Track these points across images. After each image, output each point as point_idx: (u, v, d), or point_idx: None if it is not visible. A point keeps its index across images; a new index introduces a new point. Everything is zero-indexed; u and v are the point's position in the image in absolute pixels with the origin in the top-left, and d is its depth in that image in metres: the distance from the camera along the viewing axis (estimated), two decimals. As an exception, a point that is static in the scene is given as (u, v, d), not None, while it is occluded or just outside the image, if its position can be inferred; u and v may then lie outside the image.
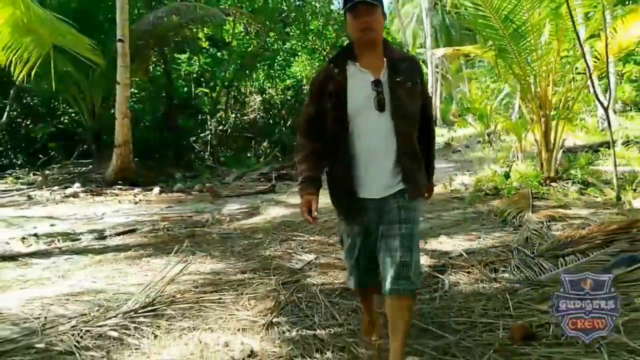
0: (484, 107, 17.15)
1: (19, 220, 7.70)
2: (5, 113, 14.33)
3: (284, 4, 17.90)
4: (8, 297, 4.17)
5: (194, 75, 16.97)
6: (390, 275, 2.40)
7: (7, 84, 14.16)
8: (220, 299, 3.93)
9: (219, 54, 17.59)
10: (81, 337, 3.26)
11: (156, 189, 10.30)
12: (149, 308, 3.71)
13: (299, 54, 19.36)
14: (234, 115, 17.83)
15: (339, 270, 4.46)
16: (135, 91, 14.91)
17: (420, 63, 2.77)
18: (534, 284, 3.69)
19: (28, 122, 15.08)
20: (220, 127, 16.58)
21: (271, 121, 17.80)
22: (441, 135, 22.14)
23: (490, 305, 3.39)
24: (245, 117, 18.04)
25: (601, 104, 6.77)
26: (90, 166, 13.52)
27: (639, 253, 3.75)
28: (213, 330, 3.33)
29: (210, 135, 16.06)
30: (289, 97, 18.30)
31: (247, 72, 17.76)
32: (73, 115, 15.12)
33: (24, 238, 6.24)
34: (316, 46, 18.92)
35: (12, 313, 3.78)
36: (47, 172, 13.41)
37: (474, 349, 2.79)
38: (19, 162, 14.50)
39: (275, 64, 18.49)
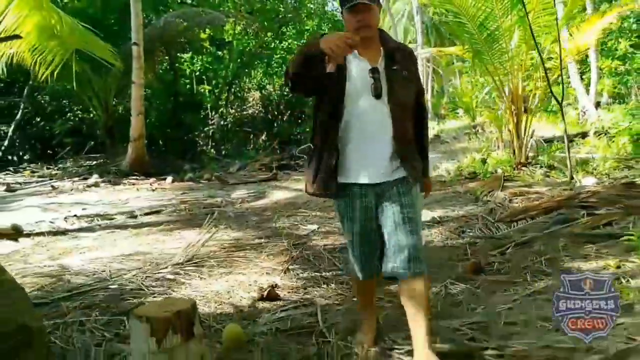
0: (470, 100, 18.20)
1: (52, 206, 8.69)
2: (20, 110, 15.32)
3: (281, 6, 18.90)
4: (72, 259, 5.20)
5: (197, 74, 17.98)
6: (401, 260, 2.44)
7: (21, 83, 15.21)
8: (245, 255, 4.99)
9: (219, 53, 18.57)
10: (144, 280, 4.31)
11: (169, 178, 11.32)
12: (191, 262, 4.76)
13: (295, 52, 20.38)
14: (234, 110, 18.82)
15: (337, 235, 5.51)
16: (144, 90, 15.90)
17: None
18: (489, 238, 4.77)
19: (39, 120, 16.07)
20: (222, 122, 17.56)
21: (269, 116, 18.77)
22: (432, 127, 23.14)
23: (454, 253, 4.47)
24: (245, 112, 19.02)
25: (556, 99, 7.82)
26: (102, 160, 14.57)
27: (569, 214, 4.83)
28: (244, 274, 4.39)
29: (212, 130, 17.04)
30: (286, 93, 19.30)
31: (247, 70, 18.77)
32: (79, 112, 16.10)
33: (66, 218, 7.27)
34: (311, 45, 19.96)
35: (80, 269, 4.81)
36: (60, 165, 14.47)
37: (440, 279, 3.85)
38: (29, 157, 15.47)
39: (273, 62, 19.48)
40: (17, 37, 7.49)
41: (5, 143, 15.09)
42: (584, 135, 12.05)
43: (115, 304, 3.75)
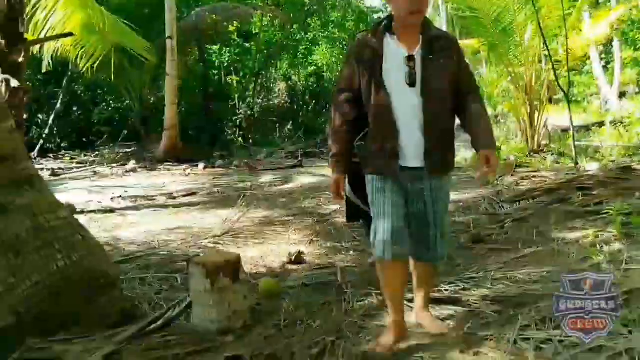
0: (492, 90, 18.57)
1: (96, 188, 9.44)
2: (59, 100, 16.17)
3: (306, -2, 19.46)
4: (123, 232, 5.91)
5: (225, 65, 18.66)
6: (427, 249, 2.67)
7: (59, 74, 16.02)
8: (275, 230, 5.64)
9: (247, 45, 19.21)
10: (189, 248, 5.00)
11: (201, 165, 12.02)
12: (227, 234, 5.43)
13: (320, 43, 20.89)
14: (261, 100, 19.47)
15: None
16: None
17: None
18: (492, 215, 5.35)
19: (76, 109, 16.92)
20: (249, 112, 18.22)
21: (295, 106, 19.37)
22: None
23: (460, 227, 5.06)
24: (271, 103, 19.65)
25: (562, 90, 8.28)
26: (135, 148, 15.37)
27: (566, 195, 5.38)
28: (274, 244, 5.05)
29: (240, 119, 17.71)
30: (311, 84, 19.89)
31: (273, 61, 19.38)
32: (111, 102, 16.90)
33: (112, 198, 8.01)
34: (336, 36, 20.48)
35: (132, 240, 5.52)
36: (97, 152, 15.31)
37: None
38: (67, 145, 16.31)
39: (299, 53, 20.08)
40: (70, 34, 8.19)
41: (46, 131, 15.96)
42: (601, 124, 12.44)
43: (167, 265, 4.44)
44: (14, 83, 5.08)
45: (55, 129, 16.57)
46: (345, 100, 2.68)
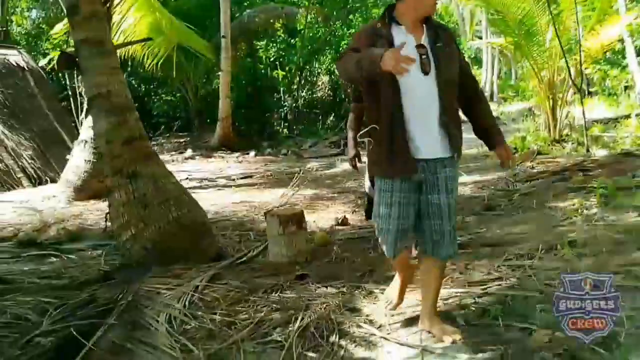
0: (527, 84, 19.32)
1: (162, 172, 10.77)
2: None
3: (349, -5, 20.49)
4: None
5: (271, 60, 19.90)
6: (438, 243, 2.64)
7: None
8: (323, 203, 6.82)
9: (292, 40, 20.39)
10: (254, 216, 6.20)
11: (252, 153, 13.30)
12: (283, 207, 6.61)
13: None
14: (305, 93, 20.66)
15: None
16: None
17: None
18: (504, 191, 6.38)
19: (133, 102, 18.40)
20: (294, 104, 19.43)
21: (337, 98, 20.49)
22: (493, 110, 24.39)
23: (476, 199, 6.12)
24: (314, 95, 20.83)
25: (576, 86, 9.15)
26: (188, 137, 16.75)
27: (569, 175, 6.37)
28: (324, 213, 6.20)
29: (286, 111, 18.93)
30: (352, 77, 20.94)
31: (316, 56, 20.53)
32: (163, 95, 18.27)
33: (179, 180, 9.30)
34: (377, 31, 21.48)
35: (205, 210, 6.73)
36: (154, 142, 16.74)
37: (461, 213, 5.48)
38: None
39: (341, 48, 21.14)
40: (149, 39, 9.47)
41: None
42: (628, 116, 13.15)
43: (239, 227, 5.65)
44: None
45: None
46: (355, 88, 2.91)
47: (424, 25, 2.57)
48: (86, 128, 7.98)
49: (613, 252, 3.50)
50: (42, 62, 10.31)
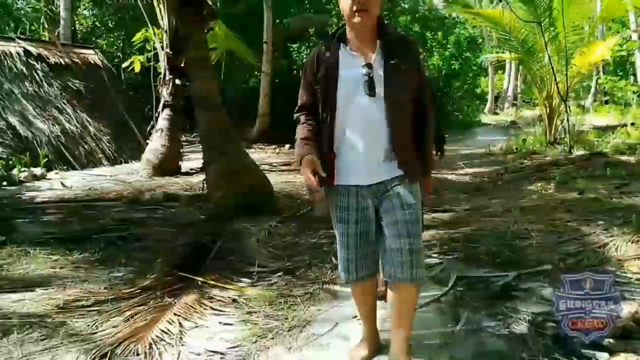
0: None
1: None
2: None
3: (377, 4, 22.22)
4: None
5: (303, 61, 21.75)
6: (401, 265, 2.35)
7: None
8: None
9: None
10: (298, 190, 8.05)
11: (287, 145, 15.13)
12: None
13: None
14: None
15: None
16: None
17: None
18: (493, 179, 8.17)
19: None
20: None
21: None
22: (510, 114, 26.09)
23: (470, 185, 7.90)
24: (342, 96, 22.67)
25: (563, 99, 10.82)
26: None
27: (544, 168, 8.12)
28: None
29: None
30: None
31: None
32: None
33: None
34: (403, 38, 23.22)
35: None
36: (196, 133, 18.74)
37: (455, 193, 7.28)
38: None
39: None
40: (213, 49, 11.38)
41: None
42: (624, 125, 14.74)
43: (289, 198, 7.51)
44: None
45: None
46: (305, 120, 2.55)
47: (379, 40, 2.38)
48: (162, 119, 9.97)
49: (546, 213, 5.29)
50: (125, 64, 12.26)
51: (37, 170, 9.22)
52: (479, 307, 3.21)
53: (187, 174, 10.09)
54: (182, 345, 2.90)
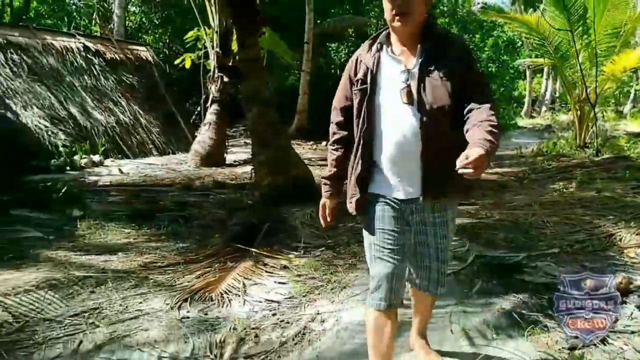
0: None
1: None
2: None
3: (414, 5, 22.70)
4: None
5: (341, 60, 22.35)
6: (429, 282, 2.47)
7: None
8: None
9: (360, 42, 22.78)
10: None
11: (324, 142, 15.80)
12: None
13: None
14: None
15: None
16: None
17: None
18: (520, 177, 8.65)
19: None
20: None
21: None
22: (546, 118, 26.24)
23: (497, 182, 8.41)
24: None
25: (592, 104, 11.15)
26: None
27: (570, 170, 8.57)
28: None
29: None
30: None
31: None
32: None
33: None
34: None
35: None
36: (234, 128, 19.52)
37: (482, 189, 7.80)
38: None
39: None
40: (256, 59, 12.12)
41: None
42: (659, 131, 14.99)
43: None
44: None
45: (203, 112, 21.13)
46: (340, 122, 2.49)
47: (420, 44, 2.21)
48: (210, 113, 10.73)
49: (563, 209, 5.81)
50: (177, 61, 13.08)
51: (96, 158, 10.07)
52: (492, 278, 3.80)
53: (231, 165, 10.82)
54: (246, 295, 3.57)
